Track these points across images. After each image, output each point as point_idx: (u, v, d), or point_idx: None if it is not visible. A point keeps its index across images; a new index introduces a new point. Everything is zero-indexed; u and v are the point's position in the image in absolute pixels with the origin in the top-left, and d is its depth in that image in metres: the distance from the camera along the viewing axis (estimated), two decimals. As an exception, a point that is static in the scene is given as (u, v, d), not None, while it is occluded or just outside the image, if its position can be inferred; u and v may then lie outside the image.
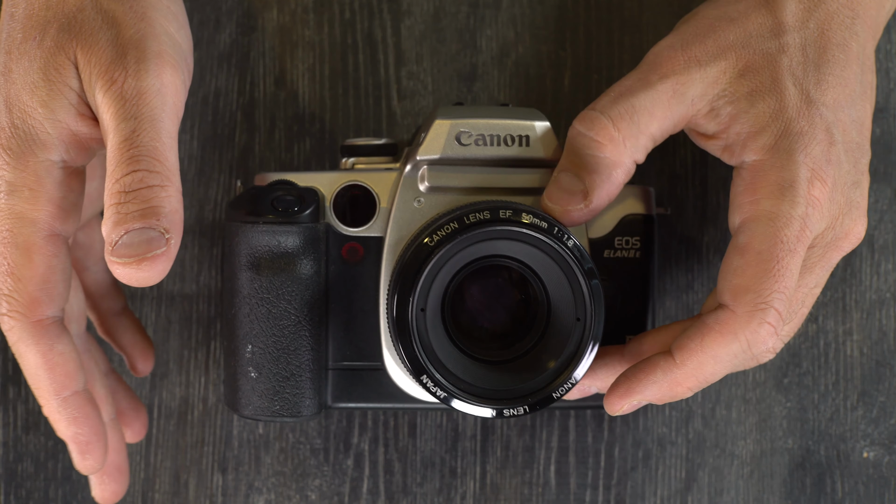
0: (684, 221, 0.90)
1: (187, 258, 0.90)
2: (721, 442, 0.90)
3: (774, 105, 0.74)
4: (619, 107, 0.75)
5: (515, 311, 0.77)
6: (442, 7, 0.90)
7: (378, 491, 0.90)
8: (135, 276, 0.68)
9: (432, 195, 0.77)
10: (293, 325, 0.78)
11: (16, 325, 0.72)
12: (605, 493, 0.90)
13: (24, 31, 0.72)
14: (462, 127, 0.77)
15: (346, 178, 0.79)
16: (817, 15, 0.76)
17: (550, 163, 0.77)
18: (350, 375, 0.80)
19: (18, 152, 0.71)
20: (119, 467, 0.81)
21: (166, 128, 0.70)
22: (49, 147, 0.71)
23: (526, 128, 0.77)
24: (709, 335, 0.73)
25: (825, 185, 0.73)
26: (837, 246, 0.76)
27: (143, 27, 0.72)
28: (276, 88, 0.90)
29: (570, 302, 0.74)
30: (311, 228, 0.77)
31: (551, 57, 0.90)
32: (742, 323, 0.73)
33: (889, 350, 0.90)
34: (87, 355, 0.82)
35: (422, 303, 0.73)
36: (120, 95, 0.70)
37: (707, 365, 0.74)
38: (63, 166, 0.72)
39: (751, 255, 0.73)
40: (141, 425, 0.86)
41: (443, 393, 0.74)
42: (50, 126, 0.71)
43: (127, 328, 0.88)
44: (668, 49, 0.76)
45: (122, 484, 0.81)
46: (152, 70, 0.71)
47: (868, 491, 0.90)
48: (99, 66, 0.70)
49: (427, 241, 0.73)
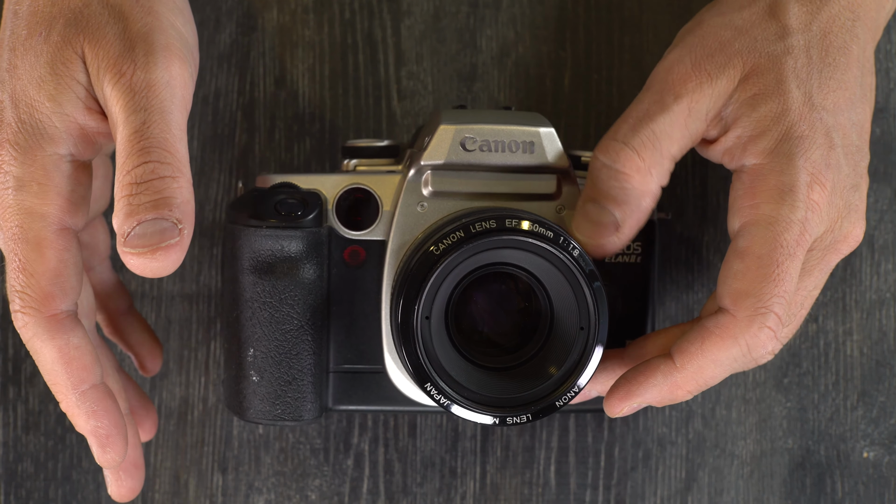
0: (684, 222, 0.90)
1: (187, 258, 0.90)
2: (721, 442, 0.90)
3: (777, 108, 0.74)
4: (640, 135, 0.74)
5: (519, 319, 0.77)
6: (442, 7, 0.90)
7: (378, 491, 0.90)
8: (149, 266, 0.68)
9: (436, 200, 0.77)
10: (295, 329, 0.78)
11: (30, 322, 0.72)
12: (605, 493, 0.90)
13: (29, 27, 0.72)
14: (467, 133, 0.77)
15: (348, 180, 0.79)
16: (820, 18, 0.76)
17: (555, 169, 0.77)
18: (351, 378, 0.80)
19: (26, 147, 0.71)
20: (135, 463, 0.80)
21: (176, 119, 0.70)
22: (57, 141, 0.71)
23: (531, 134, 0.77)
24: (709, 339, 0.73)
25: (824, 189, 0.73)
26: (836, 249, 0.76)
27: (151, 21, 0.72)
28: (276, 88, 0.90)
29: (574, 311, 0.74)
30: (314, 233, 0.77)
31: (551, 57, 0.90)
32: (742, 327, 0.73)
33: (889, 350, 0.90)
34: (100, 350, 0.81)
35: (427, 311, 0.73)
36: (129, 88, 0.70)
37: (707, 369, 0.74)
38: (71, 160, 0.72)
39: (751, 259, 0.73)
40: (151, 424, 0.86)
41: (446, 400, 0.74)
42: (58, 120, 0.71)
43: (134, 327, 0.87)
44: (678, 65, 0.75)
45: (138, 480, 0.80)
46: (161, 63, 0.71)
47: (868, 491, 0.90)
48: (107, 60, 0.70)
49: (433, 249, 0.73)
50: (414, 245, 0.76)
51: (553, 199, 0.77)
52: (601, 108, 0.90)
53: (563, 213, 0.78)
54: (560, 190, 0.77)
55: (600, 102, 0.90)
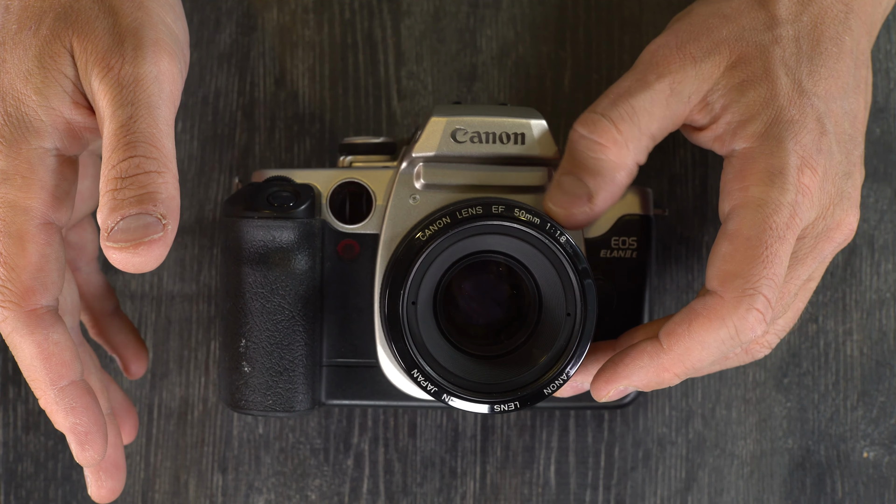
0: (684, 221, 0.89)
1: (187, 258, 0.90)
2: (721, 442, 0.90)
3: (765, 93, 0.74)
4: (619, 109, 0.75)
5: (507, 306, 0.77)
6: (442, 7, 0.90)
7: (378, 491, 0.90)
8: (131, 261, 0.68)
9: (428, 192, 0.78)
10: (287, 319, 0.78)
11: (9, 316, 0.71)
12: (605, 493, 0.90)
13: (20, 21, 0.72)
14: (458, 124, 0.77)
15: (342, 175, 0.79)
16: (811, 10, 0.76)
17: (546, 161, 0.77)
18: (344, 372, 0.80)
19: (11, 140, 0.71)
20: (116, 463, 0.79)
21: (163, 115, 0.70)
22: (42, 134, 0.71)
23: (522, 126, 0.77)
24: (696, 320, 0.73)
25: (815, 174, 0.73)
26: (829, 237, 0.76)
27: (141, 16, 0.72)
28: (276, 88, 0.90)
29: (561, 297, 0.74)
30: (307, 224, 0.77)
31: (551, 57, 0.90)
32: (730, 308, 0.72)
33: (889, 350, 0.90)
34: (81, 348, 0.81)
35: (413, 296, 0.73)
36: (117, 82, 0.70)
37: (694, 350, 0.73)
38: (56, 154, 0.72)
39: (739, 240, 0.72)
40: (132, 426, 0.86)
41: (433, 387, 0.74)
42: (44, 113, 0.71)
43: (119, 329, 0.87)
44: (664, 47, 0.76)
45: (119, 480, 0.80)
46: (149, 57, 0.71)
47: (868, 491, 0.90)
48: (95, 54, 0.70)
49: (419, 235, 0.73)
50: (404, 235, 0.77)
51: (544, 191, 0.77)
52: (601, 108, 0.90)
53: None
54: (551, 182, 0.77)
55: (600, 102, 0.90)
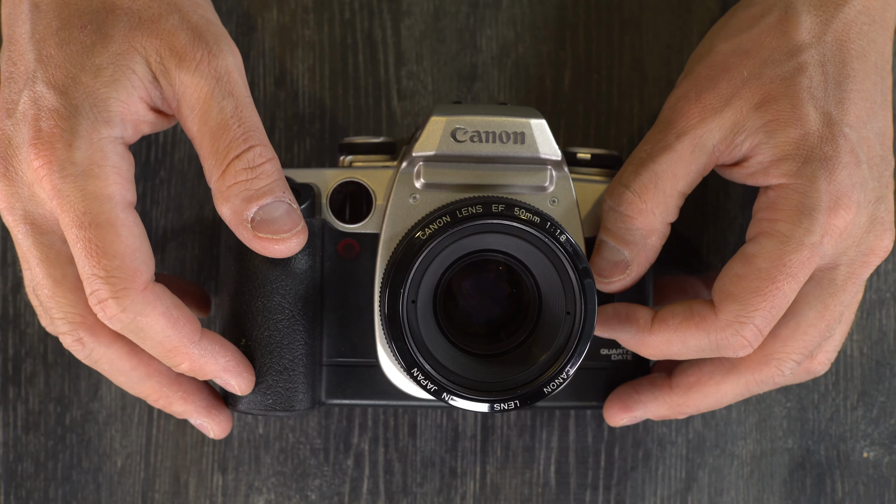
0: (684, 222, 0.89)
1: (188, 258, 0.90)
2: (721, 442, 0.90)
3: (795, 133, 0.74)
4: (642, 178, 0.76)
5: (507, 305, 0.78)
6: (442, 7, 0.90)
7: (378, 491, 0.90)
8: (282, 248, 0.74)
9: (428, 192, 0.78)
10: (287, 319, 0.78)
11: (129, 303, 0.71)
12: (605, 493, 0.90)
13: (62, 19, 0.73)
14: (458, 123, 0.77)
15: (342, 174, 0.79)
16: (834, 26, 0.75)
17: (546, 160, 0.77)
18: (344, 372, 0.80)
19: (81, 132, 0.71)
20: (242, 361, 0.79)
21: (253, 104, 0.74)
22: (112, 124, 0.72)
23: (522, 125, 0.77)
24: (687, 321, 0.75)
25: (849, 212, 0.73)
26: (864, 262, 0.76)
27: (202, 12, 0.74)
28: (276, 88, 0.90)
29: (561, 296, 0.74)
30: (307, 223, 0.77)
31: (551, 57, 0.90)
32: (720, 327, 0.74)
33: (889, 350, 0.90)
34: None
35: (413, 295, 0.73)
36: (211, 74, 0.72)
37: (673, 344, 0.76)
38: (123, 142, 0.73)
39: (752, 268, 0.74)
40: (206, 301, 0.89)
41: (433, 386, 0.74)
42: (113, 105, 0.72)
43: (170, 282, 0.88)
44: (683, 100, 0.76)
45: (248, 376, 0.79)
46: (226, 49, 0.73)
47: (868, 491, 0.90)
48: (178, 48, 0.72)
49: (419, 234, 0.73)
50: (404, 235, 0.77)
51: (545, 191, 0.77)
52: (601, 107, 0.90)
53: (556, 204, 0.78)
54: (552, 181, 0.77)
55: (600, 102, 0.90)
